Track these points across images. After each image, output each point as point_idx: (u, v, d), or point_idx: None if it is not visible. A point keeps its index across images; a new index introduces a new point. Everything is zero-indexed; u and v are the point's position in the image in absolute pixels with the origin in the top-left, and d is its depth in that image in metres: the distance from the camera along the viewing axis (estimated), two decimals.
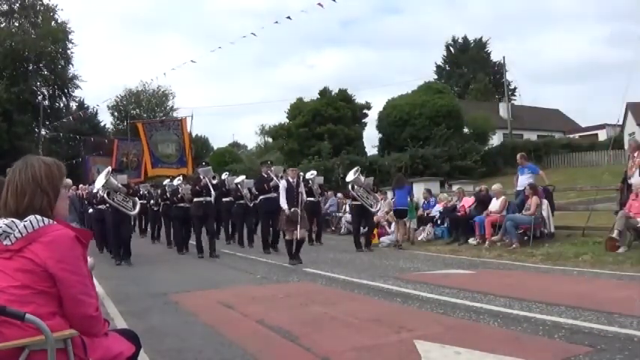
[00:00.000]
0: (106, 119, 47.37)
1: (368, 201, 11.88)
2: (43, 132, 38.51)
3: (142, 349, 2.47)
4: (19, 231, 2.04)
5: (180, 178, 13.45)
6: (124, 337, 2.33)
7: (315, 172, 14.60)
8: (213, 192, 11.46)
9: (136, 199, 10.87)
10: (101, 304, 5.79)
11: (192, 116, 30.57)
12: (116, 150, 31.37)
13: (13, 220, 2.07)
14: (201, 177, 11.56)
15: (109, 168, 11.37)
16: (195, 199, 11.39)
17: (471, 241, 11.27)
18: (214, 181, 11.72)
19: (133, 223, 13.57)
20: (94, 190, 12.27)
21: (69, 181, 11.89)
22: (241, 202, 13.59)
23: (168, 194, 13.58)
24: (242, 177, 14.73)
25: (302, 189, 9.94)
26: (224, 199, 13.72)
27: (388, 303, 5.88)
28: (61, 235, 2.07)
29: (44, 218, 2.08)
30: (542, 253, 9.21)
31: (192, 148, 26.35)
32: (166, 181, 14.97)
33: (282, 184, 9.84)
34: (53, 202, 2.17)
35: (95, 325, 2.14)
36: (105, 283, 7.70)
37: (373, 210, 12.12)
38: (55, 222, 2.11)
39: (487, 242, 10.64)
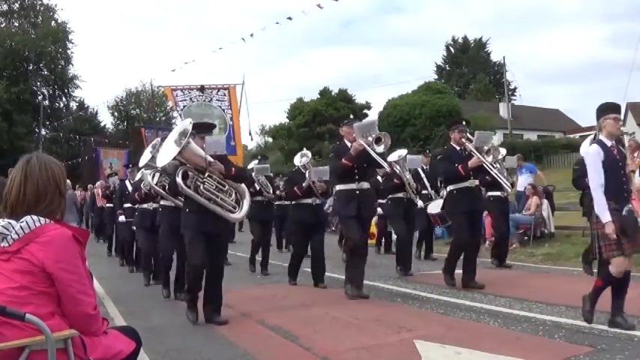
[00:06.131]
0: (106, 119, 47.40)
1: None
2: (43, 132, 38.50)
3: (142, 347, 2.47)
4: (16, 232, 2.04)
5: (308, 154, 7.75)
6: (124, 334, 2.34)
7: (404, 152, 8.41)
8: (383, 164, 6.14)
9: (243, 188, 5.21)
10: (101, 304, 5.84)
11: (243, 83, 19.33)
12: (145, 141, 23.41)
13: (10, 221, 2.06)
14: (348, 142, 6.13)
15: (188, 122, 5.01)
16: (339, 186, 6.20)
17: None
18: (380, 149, 5.86)
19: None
20: (147, 176, 6.67)
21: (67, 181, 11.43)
22: (398, 195, 8.10)
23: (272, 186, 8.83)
24: (402, 151, 8.39)
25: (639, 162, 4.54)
26: None
27: (388, 303, 5.88)
28: (58, 235, 2.07)
29: (40, 218, 2.08)
30: (542, 253, 9.22)
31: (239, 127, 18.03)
32: (252, 164, 9.80)
33: (594, 150, 4.38)
34: (64, 205, 2.21)
35: (94, 323, 2.15)
36: (105, 283, 7.70)
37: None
38: (51, 221, 2.12)
39: (487, 242, 10.64)
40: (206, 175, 4.92)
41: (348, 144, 6.05)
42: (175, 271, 6.57)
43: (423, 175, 9.00)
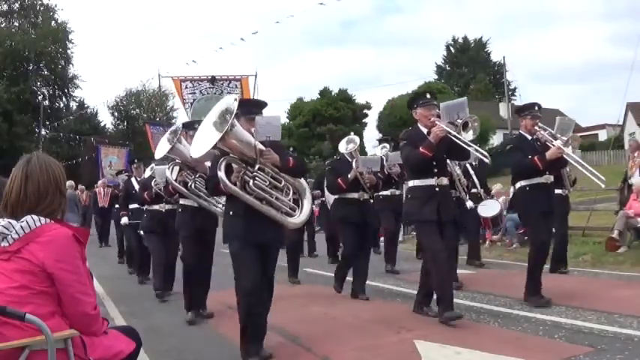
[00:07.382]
0: (106, 119, 47.41)
1: None
2: (43, 132, 38.55)
3: (142, 347, 2.47)
4: (16, 232, 2.04)
5: (355, 140, 6.38)
6: (124, 334, 2.34)
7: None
8: (479, 155, 5.02)
9: (303, 185, 4.12)
10: (101, 304, 5.83)
11: (255, 75, 19.51)
12: (151, 138, 22.83)
13: (10, 221, 2.07)
14: (423, 128, 4.92)
15: (233, 99, 3.68)
16: (412, 182, 4.97)
17: None
18: (469, 136, 4.72)
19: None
20: (165, 171, 5.48)
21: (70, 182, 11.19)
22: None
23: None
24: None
25: None
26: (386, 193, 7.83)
27: (388, 303, 5.88)
28: (58, 235, 2.07)
29: (40, 218, 2.08)
30: None
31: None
32: None
33: None
34: (64, 205, 2.22)
35: (94, 323, 2.15)
36: (105, 283, 7.70)
37: None
38: (52, 221, 2.12)
39: (487, 242, 10.63)
40: (256, 167, 3.77)
41: (424, 130, 4.88)
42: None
43: (472, 171, 7.74)
